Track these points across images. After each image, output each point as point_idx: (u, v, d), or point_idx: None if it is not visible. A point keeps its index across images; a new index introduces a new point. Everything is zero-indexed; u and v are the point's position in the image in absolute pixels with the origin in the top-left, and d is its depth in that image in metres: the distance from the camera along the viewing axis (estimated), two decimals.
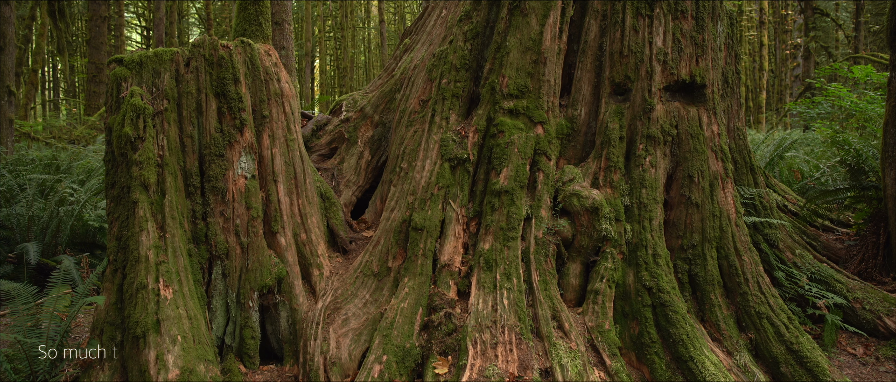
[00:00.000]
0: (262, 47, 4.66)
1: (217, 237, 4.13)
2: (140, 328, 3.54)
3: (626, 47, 4.67)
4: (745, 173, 5.59)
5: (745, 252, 4.37)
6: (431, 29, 6.13)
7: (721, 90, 5.23)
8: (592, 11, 4.85)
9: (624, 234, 4.34)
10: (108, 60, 4.22)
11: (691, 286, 4.36)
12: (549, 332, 3.80)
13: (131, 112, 3.94)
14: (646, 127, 4.58)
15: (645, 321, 4.01)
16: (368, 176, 5.86)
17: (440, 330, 3.86)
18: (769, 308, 4.15)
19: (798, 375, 3.83)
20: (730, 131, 5.53)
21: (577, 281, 4.37)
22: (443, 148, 4.65)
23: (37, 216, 6.16)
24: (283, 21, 9.27)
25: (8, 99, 9.07)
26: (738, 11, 23.71)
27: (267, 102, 4.50)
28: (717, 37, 4.93)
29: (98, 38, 16.13)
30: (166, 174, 3.97)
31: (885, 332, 4.49)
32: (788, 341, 3.96)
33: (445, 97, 4.92)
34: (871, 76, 7.55)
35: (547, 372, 3.59)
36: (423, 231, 4.32)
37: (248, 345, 4.08)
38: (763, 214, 5.32)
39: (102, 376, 3.62)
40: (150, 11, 26.60)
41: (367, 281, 4.34)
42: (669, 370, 3.83)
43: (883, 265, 5.17)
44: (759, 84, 25.82)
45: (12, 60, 9.18)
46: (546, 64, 4.70)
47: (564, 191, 4.49)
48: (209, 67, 4.29)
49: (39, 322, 3.82)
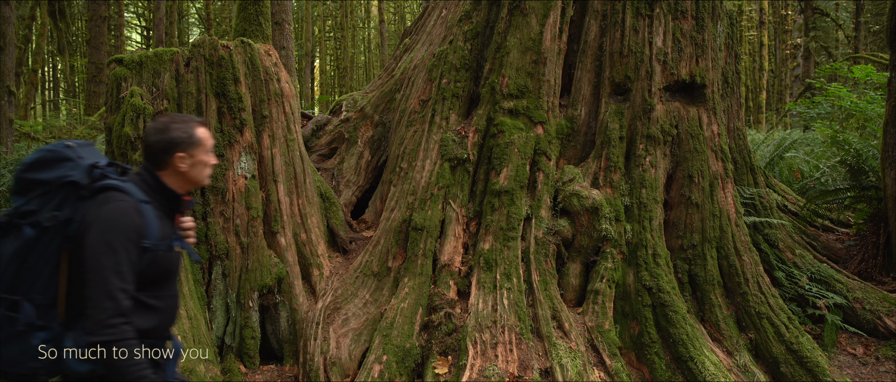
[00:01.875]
0: (262, 47, 4.66)
1: (217, 237, 4.13)
2: None
3: (626, 47, 4.67)
4: (745, 173, 5.59)
5: (745, 252, 4.37)
6: (431, 29, 6.13)
7: (721, 90, 5.23)
8: (592, 11, 4.85)
9: (624, 234, 4.34)
10: (108, 60, 4.22)
11: (691, 286, 4.36)
12: (549, 332, 3.80)
13: (131, 112, 3.94)
14: (646, 127, 4.58)
15: (645, 321, 4.01)
16: (368, 176, 5.86)
17: (440, 330, 3.86)
18: (769, 308, 4.15)
19: (798, 375, 3.83)
20: (730, 131, 5.53)
21: (577, 281, 4.37)
22: (443, 148, 4.65)
23: None
24: (283, 21, 9.27)
25: (8, 99, 9.08)
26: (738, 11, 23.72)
27: (267, 102, 4.50)
28: (717, 37, 4.93)
29: (98, 38, 16.13)
30: None
31: (885, 332, 4.49)
32: (788, 341, 3.96)
33: (445, 97, 4.91)
34: (871, 76, 7.56)
35: (547, 372, 3.59)
36: (423, 231, 4.32)
37: (248, 345, 4.08)
38: (763, 214, 5.32)
39: None
40: (150, 11, 26.62)
41: (367, 281, 4.34)
42: (669, 370, 3.83)
43: (883, 265, 5.17)
44: (759, 84, 25.82)
45: (12, 60, 9.19)
46: (546, 64, 4.70)
47: (564, 191, 4.49)
48: (209, 67, 4.29)
49: None
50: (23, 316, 1.80)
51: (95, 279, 1.76)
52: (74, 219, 1.84)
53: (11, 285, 1.81)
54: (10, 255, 1.81)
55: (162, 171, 2.01)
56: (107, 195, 1.86)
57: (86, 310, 1.77)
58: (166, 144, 1.98)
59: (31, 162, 1.88)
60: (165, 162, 2.00)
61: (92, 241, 1.78)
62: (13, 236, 1.83)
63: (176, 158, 1.99)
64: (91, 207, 1.84)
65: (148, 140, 2.00)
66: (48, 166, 1.88)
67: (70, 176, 1.88)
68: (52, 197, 1.86)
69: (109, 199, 1.85)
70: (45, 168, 1.88)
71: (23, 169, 1.88)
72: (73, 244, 1.84)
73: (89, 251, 1.77)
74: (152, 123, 2.03)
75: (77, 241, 1.82)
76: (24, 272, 1.82)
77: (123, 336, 1.76)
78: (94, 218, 1.81)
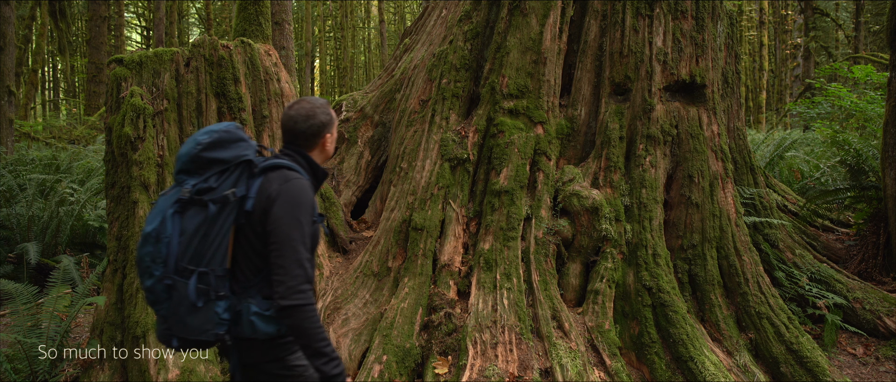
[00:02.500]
0: (262, 47, 4.66)
1: None
2: (140, 328, 3.54)
3: (626, 47, 4.67)
4: (745, 173, 5.59)
5: (745, 252, 4.37)
6: (431, 29, 6.13)
7: (721, 90, 5.23)
8: (592, 11, 4.85)
9: (624, 234, 4.34)
10: (108, 59, 4.22)
11: (691, 286, 4.36)
12: (549, 332, 3.80)
13: (131, 112, 3.94)
14: (646, 127, 4.58)
15: (645, 321, 4.01)
16: (368, 176, 5.86)
17: (440, 330, 3.86)
18: (769, 308, 4.15)
19: (798, 375, 3.83)
20: (730, 131, 5.53)
21: (577, 281, 4.37)
22: (443, 148, 4.65)
23: (37, 216, 6.16)
24: (283, 21, 9.27)
25: (8, 99, 9.08)
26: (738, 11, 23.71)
27: (267, 101, 4.50)
28: (717, 37, 4.93)
29: (98, 38, 16.14)
30: (166, 174, 3.97)
31: (885, 332, 4.49)
32: (788, 341, 3.96)
33: (445, 97, 4.91)
34: (871, 76, 7.55)
35: (547, 372, 3.59)
36: (423, 231, 4.32)
37: None
38: (763, 214, 5.32)
39: (102, 376, 3.62)
40: (150, 11, 26.62)
41: (367, 281, 4.34)
42: (669, 370, 3.83)
43: (883, 265, 5.17)
44: (759, 84, 25.83)
45: (12, 60, 9.19)
46: (546, 64, 4.70)
47: (564, 191, 4.49)
48: (209, 67, 4.29)
49: (39, 322, 3.82)
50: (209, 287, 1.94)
51: (286, 250, 1.92)
52: (248, 195, 1.99)
53: (195, 257, 1.94)
54: (193, 229, 1.94)
55: (310, 151, 2.20)
56: (284, 174, 2.03)
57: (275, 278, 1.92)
58: (318, 127, 2.16)
59: (208, 143, 1.99)
60: (315, 144, 2.19)
61: (280, 215, 1.95)
62: (195, 212, 1.95)
63: (325, 139, 2.20)
64: (267, 184, 2.00)
65: (297, 127, 2.15)
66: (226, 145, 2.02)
67: (246, 155, 2.04)
68: (229, 175, 2.00)
69: (289, 177, 2.02)
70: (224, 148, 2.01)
71: (201, 149, 1.98)
72: (244, 218, 2.00)
73: (278, 224, 1.94)
74: (293, 111, 2.17)
75: (250, 215, 1.99)
76: (205, 245, 1.95)
77: (310, 300, 1.92)
78: (278, 194, 1.97)
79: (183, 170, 2.00)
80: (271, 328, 2.00)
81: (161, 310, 1.98)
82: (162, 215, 1.95)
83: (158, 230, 1.93)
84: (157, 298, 1.96)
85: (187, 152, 1.99)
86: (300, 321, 1.90)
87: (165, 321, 1.98)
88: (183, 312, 1.94)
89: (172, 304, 1.95)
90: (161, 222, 1.94)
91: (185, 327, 1.95)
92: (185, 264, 1.93)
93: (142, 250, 1.95)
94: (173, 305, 1.94)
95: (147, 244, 1.94)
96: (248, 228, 2.00)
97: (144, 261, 1.94)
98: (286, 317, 1.91)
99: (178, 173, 2.02)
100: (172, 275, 1.93)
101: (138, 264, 1.98)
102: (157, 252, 1.93)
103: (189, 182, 1.97)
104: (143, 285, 1.98)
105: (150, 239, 1.93)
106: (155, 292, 1.95)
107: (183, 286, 1.92)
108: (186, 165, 2.00)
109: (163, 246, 1.92)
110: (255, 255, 2.01)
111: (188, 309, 1.93)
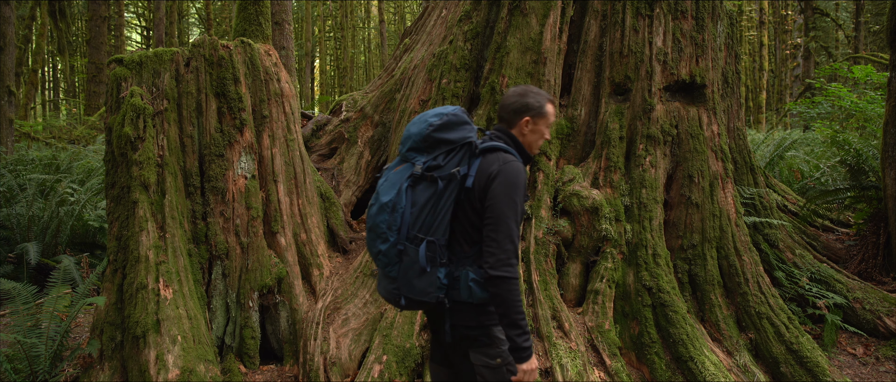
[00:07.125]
0: (262, 47, 4.66)
1: (217, 237, 4.13)
2: (140, 328, 3.54)
3: (626, 47, 4.67)
4: (745, 173, 5.59)
5: (745, 252, 4.37)
6: (431, 29, 6.13)
7: (721, 90, 5.23)
8: (592, 11, 4.85)
9: (624, 234, 4.34)
10: (108, 59, 4.22)
11: (691, 286, 4.35)
12: (549, 332, 3.80)
13: (131, 112, 3.94)
14: (646, 127, 4.58)
15: (645, 321, 4.01)
16: (368, 176, 5.86)
17: None
18: (769, 308, 4.15)
19: (798, 375, 3.83)
20: (730, 131, 5.53)
21: (577, 281, 4.37)
22: None
23: (37, 216, 6.16)
24: (283, 21, 9.27)
25: (8, 99, 9.08)
26: (738, 11, 23.71)
27: (267, 102, 4.50)
28: (717, 37, 4.93)
29: (98, 38, 16.13)
30: (166, 174, 3.97)
31: (885, 332, 4.49)
32: (788, 341, 3.96)
33: (445, 97, 4.91)
34: (871, 76, 7.55)
35: (547, 372, 3.59)
36: None
37: (248, 345, 4.08)
38: (763, 214, 5.32)
39: (102, 376, 3.62)
40: (150, 11, 26.61)
41: (367, 281, 4.34)
42: (669, 370, 3.83)
43: (883, 265, 5.17)
44: (759, 84, 25.83)
45: (12, 60, 9.19)
46: (546, 64, 4.70)
47: (564, 191, 4.49)
48: (209, 67, 4.29)
49: (39, 322, 3.82)
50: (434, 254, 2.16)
51: (501, 226, 2.10)
52: (470, 173, 2.20)
53: (424, 227, 2.16)
54: (423, 202, 2.15)
55: (512, 128, 2.35)
56: (502, 156, 2.22)
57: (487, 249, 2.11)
58: (521, 106, 2.31)
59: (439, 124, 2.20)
60: (514, 122, 2.33)
61: (499, 193, 2.13)
62: (425, 187, 2.17)
63: (523, 121, 2.32)
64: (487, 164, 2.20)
65: (507, 101, 2.34)
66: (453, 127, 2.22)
67: (469, 137, 2.24)
68: (455, 154, 2.21)
69: (507, 160, 2.20)
70: (451, 129, 2.21)
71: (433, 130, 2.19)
72: (464, 194, 2.21)
73: (495, 201, 2.13)
74: (513, 89, 2.38)
75: (469, 192, 2.19)
76: (432, 216, 2.17)
77: (516, 275, 2.10)
78: (498, 173, 2.15)
79: (414, 148, 2.21)
80: (485, 294, 2.19)
81: (391, 271, 2.19)
82: (396, 187, 2.16)
83: (394, 201, 2.14)
84: (389, 261, 2.17)
85: (419, 132, 2.20)
86: (505, 292, 2.07)
87: (394, 282, 2.20)
88: (411, 275, 2.16)
89: (402, 267, 2.17)
90: (397, 194, 2.15)
91: (412, 288, 2.16)
92: (416, 232, 2.14)
93: (378, 217, 2.16)
94: (403, 268, 2.16)
95: (383, 212, 2.15)
96: (466, 203, 2.21)
97: (380, 227, 2.15)
98: (493, 286, 2.08)
99: (408, 150, 2.22)
100: (404, 242, 2.15)
101: (373, 230, 2.18)
102: (393, 220, 2.14)
103: (419, 160, 2.19)
104: (375, 248, 2.19)
105: (387, 208, 2.14)
106: (388, 255, 2.17)
107: (413, 252, 2.14)
108: (418, 143, 2.20)
109: (398, 215, 2.14)
110: (472, 228, 2.21)
111: (417, 273, 2.15)
